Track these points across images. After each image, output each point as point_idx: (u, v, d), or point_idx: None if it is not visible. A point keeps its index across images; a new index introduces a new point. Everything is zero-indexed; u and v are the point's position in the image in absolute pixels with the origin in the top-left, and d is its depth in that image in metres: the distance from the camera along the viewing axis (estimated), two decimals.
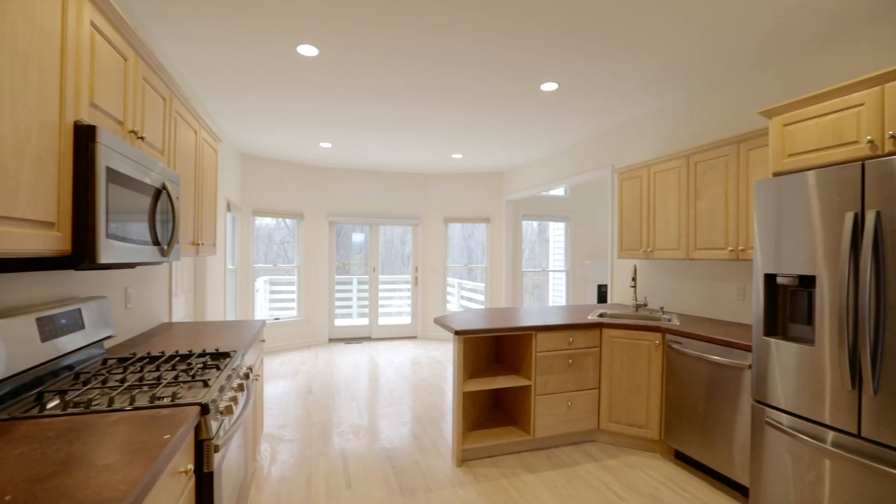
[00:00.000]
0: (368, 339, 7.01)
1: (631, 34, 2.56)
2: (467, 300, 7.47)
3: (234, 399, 1.60)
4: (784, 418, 1.99)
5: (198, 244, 2.39)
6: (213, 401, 1.41)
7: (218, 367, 1.70)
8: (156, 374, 1.54)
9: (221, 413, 1.45)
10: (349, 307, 7.23)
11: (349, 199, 6.80)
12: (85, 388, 1.38)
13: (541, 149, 5.36)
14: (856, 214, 1.72)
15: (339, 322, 7.00)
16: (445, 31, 2.54)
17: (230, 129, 4.64)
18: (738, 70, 3.02)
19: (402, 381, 4.72)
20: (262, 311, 6.43)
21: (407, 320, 7.21)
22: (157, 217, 1.68)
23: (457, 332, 2.74)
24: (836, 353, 1.79)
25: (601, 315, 3.41)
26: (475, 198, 6.97)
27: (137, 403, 1.28)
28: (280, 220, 6.48)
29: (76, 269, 1.28)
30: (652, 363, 2.93)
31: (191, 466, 1.20)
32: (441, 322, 3.02)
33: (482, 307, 6.60)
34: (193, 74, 3.19)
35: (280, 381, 4.64)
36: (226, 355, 1.91)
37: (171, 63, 2.96)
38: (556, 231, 7.47)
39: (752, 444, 2.13)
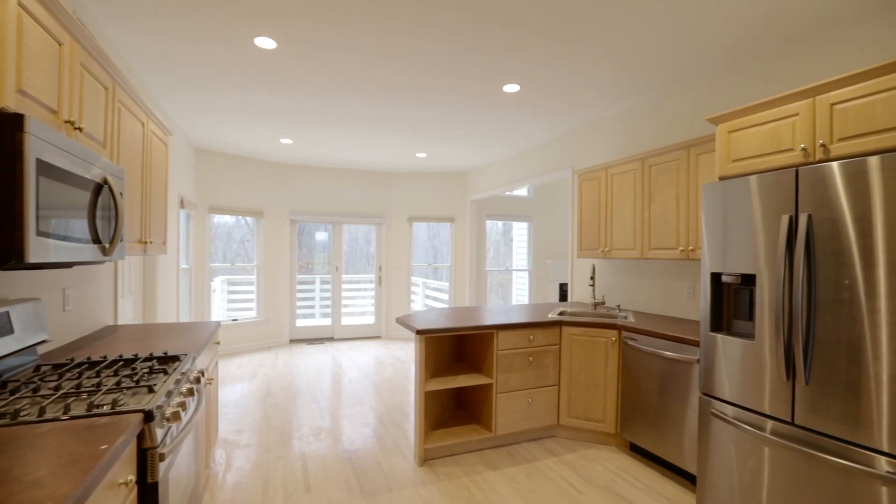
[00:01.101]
0: (331, 339, 6.88)
1: (592, 39, 2.63)
2: (432, 299, 7.47)
3: (183, 404, 1.53)
4: (729, 409, 2.10)
5: (145, 242, 2.27)
6: (159, 407, 1.34)
7: (165, 372, 1.62)
8: (95, 381, 1.45)
9: (168, 419, 1.38)
10: (312, 307, 7.08)
11: (312, 197, 6.65)
12: (12, 397, 1.28)
13: (504, 149, 5.43)
14: (790, 217, 1.84)
15: (300, 322, 6.84)
16: (407, 28, 2.52)
17: (184, 123, 4.43)
18: (693, 77, 3.16)
19: (365, 381, 4.66)
20: (219, 312, 6.19)
21: (371, 320, 7.13)
22: (98, 213, 1.58)
23: (419, 332, 2.73)
24: (774, 347, 1.90)
25: (561, 313, 3.49)
26: (439, 197, 6.98)
27: (73, 412, 1.20)
28: (239, 217, 6.26)
29: (1, 268, 1.18)
30: (609, 359, 3.03)
31: (132, 477, 1.14)
32: (403, 322, 3.01)
33: (447, 306, 6.62)
34: (143, 64, 3.02)
35: (237, 384, 4.48)
36: (175, 359, 1.82)
37: (117, 51, 2.80)
38: (520, 231, 7.59)
39: (700, 435, 2.24)
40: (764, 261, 1.95)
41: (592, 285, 3.59)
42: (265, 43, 2.70)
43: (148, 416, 1.24)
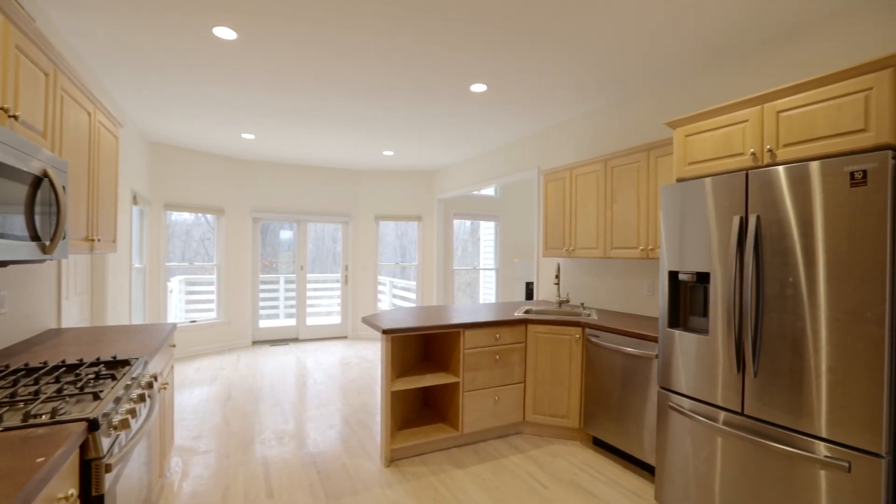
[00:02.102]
0: (296, 340, 6.72)
1: (559, 41, 2.67)
2: (399, 299, 7.42)
3: (133, 411, 1.44)
4: (685, 402, 2.19)
5: (92, 240, 2.14)
6: (106, 414, 1.26)
7: (114, 377, 1.53)
8: (33, 389, 1.35)
9: (115, 428, 1.31)
10: (276, 307, 6.88)
11: (275, 195, 6.47)
12: None
13: (472, 149, 5.46)
14: (741, 218, 1.93)
15: (263, 323, 6.64)
16: (372, 25, 2.49)
17: (137, 115, 4.21)
18: (656, 81, 3.26)
19: (330, 382, 4.58)
20: (176, 313, 5.92)
21: (337, 320, 7.01)
22: (38, 209, 1.47)
23: (385, 331, 2.70)
24: (726, 341, 2.00)
25: (527, 312, 3.54)
26: (407, 196, 6.94)
27: (6, 423, 1.11)
28: (199, 215, 6.00)
29: None
30: (573, 356, 3.09)
31: (73, 491, 1.07)
32: (369, 321, 2.97)
33: (414, 305, 6.59)
34: (91, 52, 2.85)
35: (196, 389, 4.30)
36: (125, 363, 1.72)
37: (61, 36, 2.62)
38: (487, 230, 7.65)
39: (658, 428, 2.32)
40: (717, 259, 2.04)
41: (557, 284, 3.66)
42: (224, 33, 2.59)
43: (92, 425, 1.17)
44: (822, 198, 1.68)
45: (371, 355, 5.80)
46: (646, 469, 2.73)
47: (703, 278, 2.17)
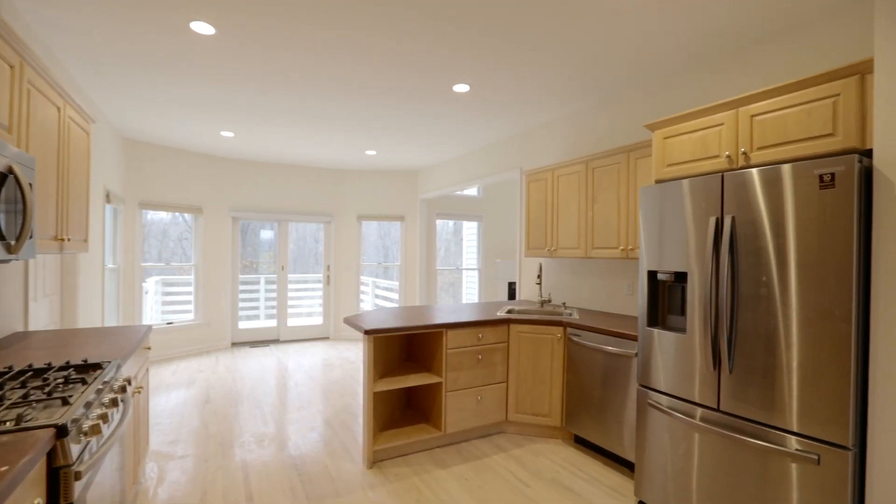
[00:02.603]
0: (277, 341, 6.62)
1: (542, 43, 2.69)
2: (382, 299, 7.38)
3: (105, 416, 1.40)
4: (664, 399, 2.23)
5: (62, 239, 2.06)
6: (75, 420, 1.22)
7: (84, 382, 1.47)
8: None
9: (86, 434, 1.26)
10: (256, 308, 6.77)
11: (255, 194, 6.36)
12: None
13: (455, 149, 5.46)
14: (717, 219, 1.98)
15: (243, 324, 6.52)
16: (353, 24, 2.46)
17: (111, 111, 4.08)
18: (637, 83, 3.32)
19: (312, 384, 4.52)
20: (152, 315, 5.77)
21: (318, 321, 6.93)
22: (2, 207, 1.41)
23: (367, 332, 2.68)
24: (702, 340, 2.04)
25: (509, 311, 3.56)
26: (389, 196, 6.91)
27: None
28: (177, 214, 5.86)
29: None
30: (554, 355, 3.12)
31: (40, 501, 1.03)
32: (351, 322, 2.94)
33: (396, 306, 6.56)
34: (62, 45, 2.75)
35: (172, 392, 4.20)
36: (96, 367, 1.67)
37: (28, 27, 2.52)
38: (470, 230, 7.67)
39: (638, 425, 2.36)
40: (694, 259, 2.09)
41: (539, 284, 3.69)
42: (203, 28, 2.54)
43: (61, 431, 1.12)
44: (793, 199, 1.73)
45: (353, 356, 5.75)
46: (626, 465, 2.77)
47: (681, 278, 2.21)
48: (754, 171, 1.85)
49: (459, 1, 2.24)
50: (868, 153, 1.69)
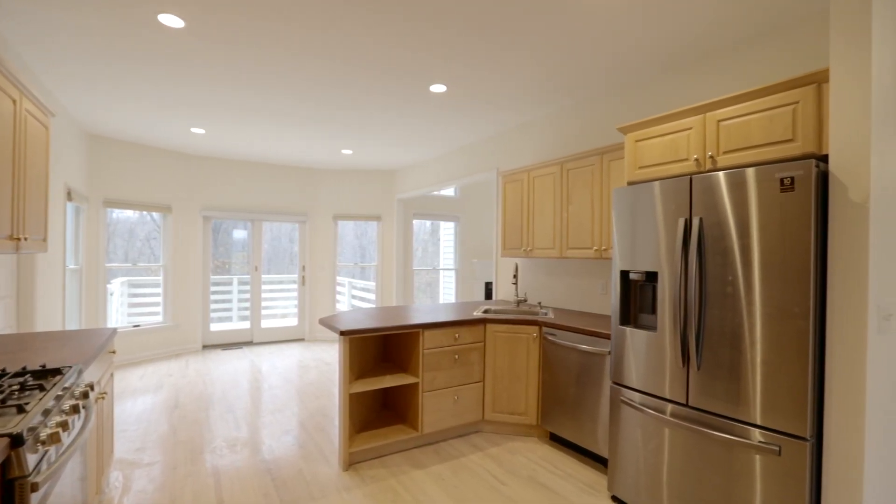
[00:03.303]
0: (250, 343, 6.47)
1: (517, 44, 2.72)
2: (359, 299, 7.31)
3: (65, 424, 1.34)
4: (636, 396, 2.28)
5: (18, 238, 1.96)
6: (32, 429, 1.16)
7: (42, 388, 1.41)
8: None
9: (44, 443, 1.21)
10: (229, 310, 6.60)
11: (228, 193, 6.20)
12: None
13: (431, 149, 5.46)
14: (686, 220, 2.04)
15: (215, 327, 6.35)
16: (328, 23, 2.43)
17: (73, 105, 3.91)
18: (611, 86, 3.38)
19: (286, 386, 4.44)
20: (118, 317, 5.55)
21: (294, 322, 6.81)
22: None
23: (342, 333, 2.65)
24: (672, 337, 2.10)
25: (485, 311, 3.58)
26: (366, 195, 6.85)
27: None
28: (144, 213, 5.65)
29: None
30: (530, 354, 3.16)
31: None
32: (326, 323, 2.90)
33: (373, 306, 6.52)
34: (17, 33, 2.61)
35: (139, 397, 4.05)
36: (55, 372, 1.59)
37: None
38: (447, 230, 7.68)
39: (611, 421, 2.42)
40: (665, 259, 2.14)
41: (515, 283, 3.73)
42: (171, 21, 2.46)
43: (16, 441, 1.07)
44: (756, 202, 1.80)
45: (329, 357, 5.68)
46: (600, 462, 2.83)
47: (652, 277, 2.27)
48: (721, 174, 1.92)
49: (436, 2, 2.24)
50: (824, 158, 1.77)
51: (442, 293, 7.74)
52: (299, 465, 2.78)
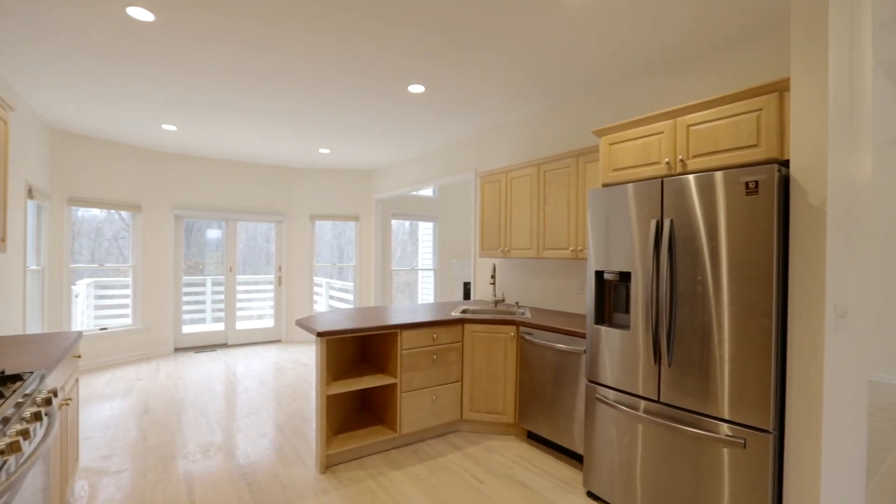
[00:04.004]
0: (224, 345, 6.33)
1: (495, 46, 2.74)
2: (337, 300, 7.24)
3: (26, 432, 1.29)
4: (610, 393, 2.34)
5: None
6: None
7: (1, 395, 1.35)
8: None
9: (3, 452, 1.16)
10: (202, 311, 6.44)
11: (201, 191, 6.04)
12: None
13: (410, 149, 5.45)
14: (657, 221, 2.10)
15: (188, 329, 6.18)
16: (302, 20, 2.40)
17: (34, 99, 3.74)
18: (592, 88, 3.42)
19: (262, 388, 4.36)
20: (84, 320, 5.35)
21: (270, 323, 6.69)
22: None
23: (319, 334, 2.62)
24: (644, 336, 2.16)
25: (463, 311, 3.60)
26: (344, 195, 6.79)
27: None
28: (112, 211, 5.45)
29: None
30: (508, 354, 3.19)
31: None
32: (303, 324, 2.87)
33: (351, 307, 6.47)
34: None
35: (107, 403, 3.91)
36: (15, 378, 1.53)
37: None
38: (426, 231, 7.68)
39: (586, 419, 2.46)
40: (638, 260, 2.20)
41: (493, 283, 3.76)
42: (140, 14, 2.38)
43: None
44: (724, 204, 1.87)
45: (307, 359, 5.60)
46: (576, 458, 2.88)
47: (625, 277, 2.33)
48: (691, 177, 1.98)
49: (413, 3, 2.24)
50: (786, 163, 1.86)
51: (421, 293, 7.73)
52: (275, 469, 2.74)
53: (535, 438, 3.18)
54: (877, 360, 4.86)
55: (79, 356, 2.41)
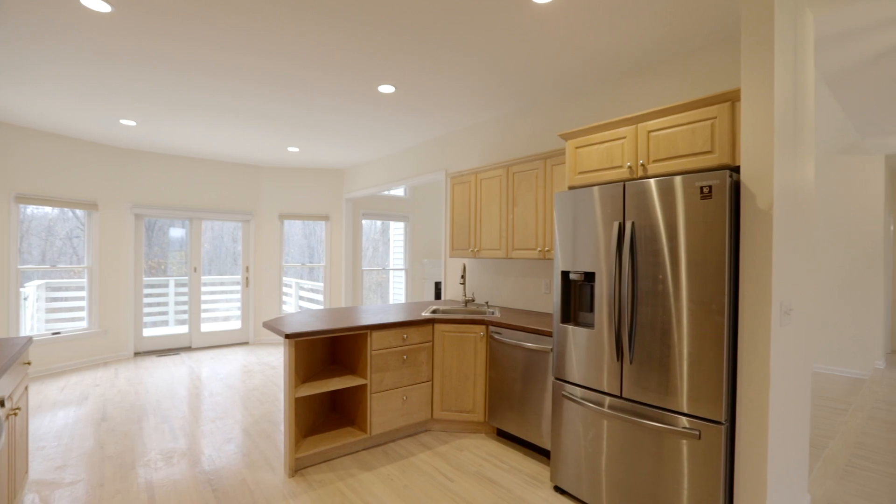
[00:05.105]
0: (189, 349, 6.13)
1: (466, 48, 2.77)
2: (307, 301, 7.12)
3: None
4: (576, 391, 2.41)
5: None
6: None
7: None
8: None
9: None
10: (165, 314, 6.20)
11: (163, 189, 5.83)
12: None
13: (381, 149, 5.43)
14: (620, 223, 2.18)
15: (149, 332, 5.95)
16: (268, 20, 2.36)
17: None
18: (561, 91, 3.50)
19: (229, 392, 4.25)
20: (34, 324, 5.06)
21: (237, 325, 6.52)
22: None
23: (287, 336, 2.59)
24: (608, 333, 2.24)
25: (434, 311, 3.62)
26: (314, 194, 6.69)
27: None
28: (66, 209, 5.19)
29: None
30: (478, 353, 3.24)
31: None
32: (271, 326, 2.82)
33: (321, 307, 6.38)
34: None
35: (60, 411, 3.72)
36: None
37: None
38: (397, 230, 7.66)
39: (553, 415, 2.53)
40: (602, 260, 2.28)
41: (463, 283, 3.79)
42: (96, 4, 2.29)
43: None
44: (683, 207, 1.96)
45: (275, 361, 5.49)
46: (544, 454, 2.95)
47: (590, 277, 2.40)
48: (651, 181, 2.06)
49: (384, 3, 2.24)
50: (737, 169, 1.96)
51: (392, 293, 7.71)
52: (242, 475, 2.68)
53: (504, 436, 3.23)
54: (820, 352, 5.19)
55: (28, 363, 2.29)
